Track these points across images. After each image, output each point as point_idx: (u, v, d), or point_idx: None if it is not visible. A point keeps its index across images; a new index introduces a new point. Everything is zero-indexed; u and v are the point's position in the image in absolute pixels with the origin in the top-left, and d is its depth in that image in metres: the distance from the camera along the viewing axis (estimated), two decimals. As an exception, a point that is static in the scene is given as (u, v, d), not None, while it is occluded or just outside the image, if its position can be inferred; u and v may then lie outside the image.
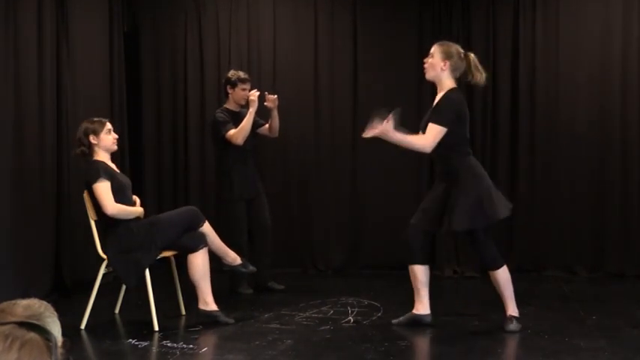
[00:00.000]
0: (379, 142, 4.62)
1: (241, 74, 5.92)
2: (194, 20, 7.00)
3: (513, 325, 4.65)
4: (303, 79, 6.89)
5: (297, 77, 6.88)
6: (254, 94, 5.66)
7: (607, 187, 6.51)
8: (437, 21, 6.71)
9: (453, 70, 4.63)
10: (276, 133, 5.99)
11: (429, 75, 4.70)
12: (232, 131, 5.69)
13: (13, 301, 1.43)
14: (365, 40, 6.86)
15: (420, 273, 4.75)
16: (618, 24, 6.46)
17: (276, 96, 5.86)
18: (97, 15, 6.41)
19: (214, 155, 6.11)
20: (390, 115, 4.39)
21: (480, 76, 4.67)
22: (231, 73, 5.94)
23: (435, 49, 4.68)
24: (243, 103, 5.82)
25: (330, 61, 6.90)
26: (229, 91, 5.89)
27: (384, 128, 4.36)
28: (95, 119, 4.99)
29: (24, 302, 1.43)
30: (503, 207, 4.63)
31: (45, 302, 1.47)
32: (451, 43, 4.74)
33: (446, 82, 4.63)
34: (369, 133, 4.44)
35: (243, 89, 5.83)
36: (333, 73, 6.90)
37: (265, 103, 5.80)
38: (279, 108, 5.89)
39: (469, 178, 4.58)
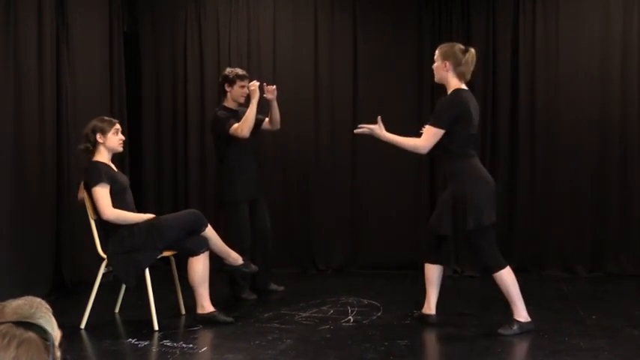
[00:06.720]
0: (379, 141, 4.65)
1: (239, 71, 5.78)
2: (194, 20, 7.00)
3: (508, 329, 4.56)
4: (303, 79, 6.88)
5: (297, 77, 6.87)
6: (254, 85, 5.54)
7: (607, 187, 6.51)
8: (437, 21, 6.71)
9: (456, 67, 4.60)
10: (277, 125, 5.85)
11: (436, 78, 4.74)
12: (236, 125, 5.52)
13: (3, 303, 1.41)
14: (365, 40, 6.85)
15: (429, 271, 4.79)
16: (618, 23, 6.46)
17: (274, 86, 5.73)
18: (97, 15, 6.41)
19: (217, 156, 5.85)
20: (379, 118, 4.63)
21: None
22: (229, 71, 5.79)
23: (436, 53, 4.71)
24: (241, 100, 5.72)
25: (330, 61, 6.89)
26: (227, 89, 5.73)
27: (374, 127, 4.60)
28: (106, 118, 5.00)
29: (14, 304, 1.41)
30: (487, 216, 4.54)
31: (38, 300, 1.45)
32: (451, 44, 4.75)
33: (451, 83, 4.64)
34: (359, 130, 4.68)
35: (242, 86, 5.69)
36: (333, 73, 6.90)
37: (264, 95, 5.65)
38: (279, 100, 5.80)
39: (463, 180, 4.55)
